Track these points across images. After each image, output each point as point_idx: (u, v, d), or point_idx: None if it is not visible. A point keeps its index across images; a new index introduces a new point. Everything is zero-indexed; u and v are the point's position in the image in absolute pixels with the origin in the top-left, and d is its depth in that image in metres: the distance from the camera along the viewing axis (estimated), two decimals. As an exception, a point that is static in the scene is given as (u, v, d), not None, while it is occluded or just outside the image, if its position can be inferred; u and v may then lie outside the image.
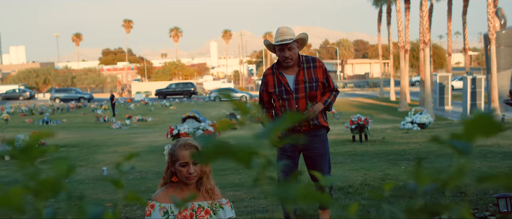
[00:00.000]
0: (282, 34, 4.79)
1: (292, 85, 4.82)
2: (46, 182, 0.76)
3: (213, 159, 0.82)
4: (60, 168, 0.79)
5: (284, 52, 4.75)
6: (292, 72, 4.85)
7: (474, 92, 26.85)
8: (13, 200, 0.80)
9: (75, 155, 13.19)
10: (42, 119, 29.64)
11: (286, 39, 4.74)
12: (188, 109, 37.90)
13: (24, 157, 0.78)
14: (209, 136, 0.83)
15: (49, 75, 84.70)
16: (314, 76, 4.84)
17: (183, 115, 13.00)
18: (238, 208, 6.13)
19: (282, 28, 4.87)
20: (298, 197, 0.67)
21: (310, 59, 4.93)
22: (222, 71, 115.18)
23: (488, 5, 25.11)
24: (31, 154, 0.78)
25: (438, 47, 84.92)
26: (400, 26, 36.40)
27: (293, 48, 4.77)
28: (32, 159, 0.79)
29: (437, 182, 0.92)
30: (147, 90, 65.93)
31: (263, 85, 5.00)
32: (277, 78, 4.86)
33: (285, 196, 0.67)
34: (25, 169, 0.80)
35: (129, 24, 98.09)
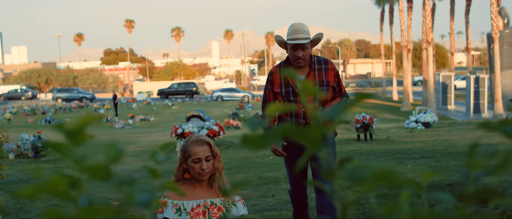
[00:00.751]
0: (296, 31, 4.42)
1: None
2: (96, 167, 0.74)
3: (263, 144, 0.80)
4: (109, 153, 0.77)
5: (297, 51, 4.39)
6: (301, 73, 4.51)
7: (478, 91, 26.81)
8: (59, 187, 0.79)
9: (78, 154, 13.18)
10: (45, 119, 29.63)
11: (301, 37, 4.39)
12: (190, 109, 37.90)
13: (72, 140, 0.76)
14: (259, 120, 0.81)
15: (51, 75, 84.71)
16: (325, 79, 4.51)
17: (188, 114, 12.96)
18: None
19: (297, 25, 4.47)
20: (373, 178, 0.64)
21: (322, 61, 4.58)
22: (224, 71, 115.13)
23: (491, 4, 25.07)
24: (79, 138, 0.76)
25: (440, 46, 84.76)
26: (403, 25, 36.34)
27: (307, 48, 4.42)
28: (80, 142, 0.77)
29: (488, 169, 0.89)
30: (149, 90, 65.94)
31: (269, 84, 4.64)
32: (284, 77, 4.52)
33: (359, 178, 0.65)
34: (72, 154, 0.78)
35: (131, 24, 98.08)
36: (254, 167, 9.65)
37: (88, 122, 0.77)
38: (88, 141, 0.91)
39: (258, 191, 7.17)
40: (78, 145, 0.79)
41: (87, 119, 0.78)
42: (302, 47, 4.37)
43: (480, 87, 26.90)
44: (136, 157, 12.39)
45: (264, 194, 6.91)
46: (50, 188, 0.78)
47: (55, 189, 0.77)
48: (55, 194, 0.79)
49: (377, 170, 0.66)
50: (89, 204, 0.90)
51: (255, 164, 10.07)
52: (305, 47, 4.38)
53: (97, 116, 0.81)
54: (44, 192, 0.80)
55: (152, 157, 1.11)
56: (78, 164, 0.78)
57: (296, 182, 4.59)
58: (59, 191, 0.78)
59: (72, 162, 0.79)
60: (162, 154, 1.08)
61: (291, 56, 4.45)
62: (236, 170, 9.31)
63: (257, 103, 42.49)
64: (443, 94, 32.38)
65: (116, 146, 0.79)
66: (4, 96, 61.97)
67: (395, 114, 30.23)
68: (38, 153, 12.86)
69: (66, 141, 0.78)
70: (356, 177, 0.67)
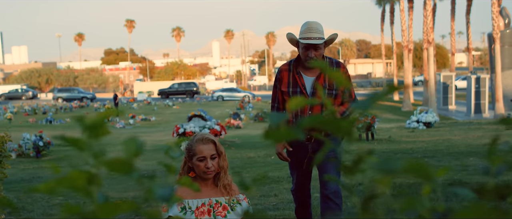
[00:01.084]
0: (310, 31, 4.18)
1: (309, 88, 4.28)
2: (117, 161, 0.74)
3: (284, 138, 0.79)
4: (130, 148, 0.76)
5: (309, 51, 4.18)
6: (312, 74, 4.30)
7: (478, 91, 26.80)
8: (77, 182, 0.78)
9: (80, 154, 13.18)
10: (46, 119, 29.63)
11: (314, 37, 4.16)
12: (191, 109, 37.89)
13: (91, 134, 0.76)
14: (281, 114, 0.81)
15: (51, 75, 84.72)
16: (335, 83, 4.50)
17: (189, 114, 12.96)
18: (248, 206, 6.10)
19: (311, 24, 4.23)
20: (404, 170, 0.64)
21: (334, 63, 4.38)
22: (224, 71, 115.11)
23: (493, 4, 25.06)
24: (99, 131, 0.76)
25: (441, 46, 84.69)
26: (404, 25, 36.34)
27: (320, 49, 4.20)
28: (99, 136, 0.77)
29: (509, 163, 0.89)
30: (149, 90, 65.93)
31: (277, 82, 4.43)
32: (293, 76, 4.31)
33: (389, 170, 0.65)
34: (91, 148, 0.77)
35: (131, 24, 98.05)
36: (255, 167, 9.65)
37: (107, 116, 0.77)
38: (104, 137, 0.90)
39: (261, 190, 7.16)
40: (97, 138, 0.78)
41: (107, 113, 0.77)
42: (315, 47, 4.16)
43: (481, 87, 26.89)
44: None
45: (267, 194, 6.90)
46: (69, 183, 0.77)
47: (74, 184, 0.77)
48: (74, 189, 0.79)
49: (408, 163, 0.66)
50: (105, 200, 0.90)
51: (257, 164, 10.07)
52: (318, 47, 4.17)
53: (116, 110, 0.80)
54: (63, 187, 0.79)
55: (166, 153, 1.11)
56: (97, 158, 0.77)
57: (300, 180, 4.54)
58: (78, 186, 0.77)
59: (92, 156, 0.78)
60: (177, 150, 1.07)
61: (303, 56, 4.25)
62: (238, 169, 9.31)
63: (258, 103, 42.48)
64: (444, 94, 32.36)
65: (136, 140, 0.79)
66: (4, 96, 61.99)
67: (396, 114, 30.23)
68: (40, 153, 12.86)
69: (86, 134, 0.78)
70: (387, 169, 0.67)
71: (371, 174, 1.05)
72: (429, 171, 0.67)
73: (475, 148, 10.93)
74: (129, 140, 0.78)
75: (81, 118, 0.76)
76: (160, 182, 0.79)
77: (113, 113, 0.78)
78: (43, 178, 9.37)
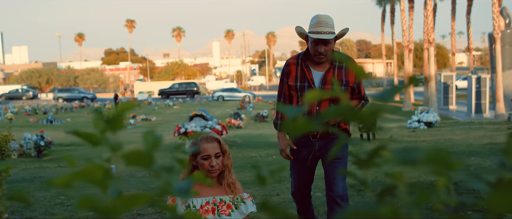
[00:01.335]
0: (320, 25, 4.02)
1: (317, 84, 4.12)
2: (136, 154, 0.74)
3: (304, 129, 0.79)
4: (148, 140, 0.76)
5: (318, 46, 4.02)
6: (321, 69, 4.15)
7: (479, 91, 26.79)
8: (95, 175, 0.78)
9: (82, 154, 13.19)
10: (46, 119, 29.63)
11: (325, 31, 4.00)
12: (191, 109, 37.88)
13: (110, 126, 0.76)
14: (297, 107, 0.81)
15: (51, 75, 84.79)
16: (345, 78, 4.14)
17: (191, 114, 12.97)
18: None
19: (322, 17, 4.06)
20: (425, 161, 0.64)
21: (344, 58, 4.40)
22: (225, 71, 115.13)
23: (493, 4, 25.07)
24: (117, 124, 0.75)
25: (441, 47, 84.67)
26: (404, 25, 36.36)
27: (330, 43, 4.04)
28: (118, 129, 0.77)
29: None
30: (149, 90, 65.96)
31: (285, 76, 4.26)
32: (301, 70, 4.16)
33: (411, 160, 0.65)
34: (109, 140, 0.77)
35: (132, 24, 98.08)
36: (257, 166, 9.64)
37: (126, 109, 0.77)
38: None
39: (263, 189, 7.16)
40: (116, 131, 0.78)
41: (126, 106, 0.77)
42: (325, 42, 4.01)
43: (482, 87, 26.89)
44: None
45: (269, 193, 6.90)
46: (87, 176, 0.77)
47: (92, 177, 0.77)
48: (92, 182, 0.79)
49: (432, 152, 0.65)
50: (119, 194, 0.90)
51: (258, 163, 10.06)
52: (328, 42, 4.02)
53: (135, 103, 0.80)
54: (81, 180, 0.79)
55: (179, 148, 1.11)
56: (115, 151, 0.77)
57: (301, 182, 4.41)
58: (96, 179, 0.77)
59: (110, 150, 0.78)
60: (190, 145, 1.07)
61: (312, 50, 4.08)
62: (239, 169, 9.31)
63: (258, 103, 42.49)
64: (445, 94, 32.36)
65: (154, 133, 0.79)
66: (5, 96, 62.01)
67: (396, 114, 30.23)
68: (41, 153, 12.86)
69: (105, 127, 0.77)
70: (408, 159, 0.67)
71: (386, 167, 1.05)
72: (451, 161, 0.67)
73: (477, 147, 10.92)
74: (148, 132, 0.78)
75: (100, 111, 0.76)
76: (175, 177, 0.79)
77: (133, 106, 0.78)
78: (44, 177, 9.37)
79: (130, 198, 0.78)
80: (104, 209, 0.84)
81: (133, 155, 0.74)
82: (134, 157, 0.75)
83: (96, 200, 0.86)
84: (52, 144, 13.08)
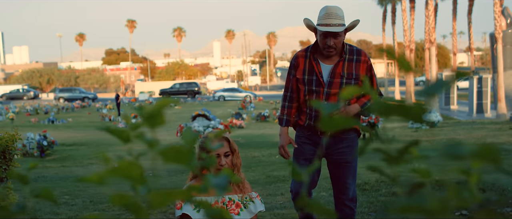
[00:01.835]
0: (330, 16, 3.82)
1: (326, 77, 3.94)
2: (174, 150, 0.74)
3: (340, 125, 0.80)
4: (187, 137, 0.77)
5: (328, 39, 3.83)
6: (330, 62, 3.96)
7: (480, 91, 26.79)
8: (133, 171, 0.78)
9: (84, 153, 13.19)
10: (48, 119, 29.64)
11: (334, 24, 3.80)
12: (193, 109, 37.87)
13: (149, 123, 0.76)
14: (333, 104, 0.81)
15: (52, 75, 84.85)
16: (355, 71, 3.94)
17: (193, 113, 12.97)
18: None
19: (331, 9, 3.85)
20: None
21: (354, 51, 4.01)
22: (225, 71, 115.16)
23: (495, 4, 25.08)
24: (157, 121, 0.76)
25: (441, 46, 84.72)
26: (406, 25, 36.37)
27: (340, 36, 3.85)
28: (157, 125, 0.77)
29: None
30: (150, 90, 65.95)
31: (292, 69, 4.07)
32: (310, 63, 3.98)
33: (459, 154, 0.65)
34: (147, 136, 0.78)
35: (133, 24, 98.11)
36: (261, 166, 9.65)
37: (164, 105, 0.77)
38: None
39: (267, 189, 7.16)
40: (155, 127, 0.78)
41: (164, 102, 0.77)
42: (334, 35, 3.82)
43: (483, 87, 26.89)
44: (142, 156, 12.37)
45: (273, 193, 6.90)
46: (123, 172, 0.77)
47: (129, 173, 0.77)
48: (128, 178, 0.79)
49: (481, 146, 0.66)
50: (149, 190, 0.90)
51: (262, 163, 10.07)
52: (338, 35, 3.83)
53: (172, 99, 0.80)
54: (117, 177, 0.79)
55: (206, 144, 1.11)
56: (153, 147, 0.78)
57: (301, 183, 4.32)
58: (133, 175, 0.78)
59: (148, 146, 0.78)
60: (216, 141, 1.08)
61: (321, 44, 3.89)
62: (243, 169, 9.27)
63: (259, 103, 42.48)
64: (446, 94, 32.36)
65: (191, 130, 0.79)
66: (6, 96, 62.05)
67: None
68: (44, 152, 12.86)
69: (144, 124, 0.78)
70: (456, 153, 0.67)
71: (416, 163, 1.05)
72: (499, 156, 0.67)
73: (480, 147, 10.89)
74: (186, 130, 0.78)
75: (141, 109, 0.76)
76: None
77: (171, 102, 0.78)
78: (48, 177, 9.38)
79: (164, 195, 0.78)
80: (136, 205, 0.85)
81: (172, 152, 0.75)
82: (173, 153, 0.75)
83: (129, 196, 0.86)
84: (55, 144, 13.09)
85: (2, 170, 4.13)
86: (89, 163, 11.35)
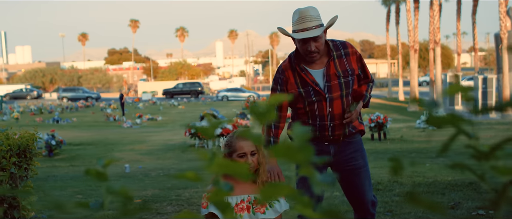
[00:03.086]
0: (304, 20, 3.47)
1: (321, 83, 3.60)
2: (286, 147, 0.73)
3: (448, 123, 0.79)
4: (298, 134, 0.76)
5: (307, 44, 3.48)
6: (319, 65, 3.62)
7: (485, 91, 26.76)
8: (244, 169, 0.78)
9: (92, 153, 13.20)
10: (53, 118, 29.67)
11: (311, 27, 3.45)
12: (196, 109, 37.92)
13: (261, 119, 0.75)
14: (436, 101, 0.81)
15: (55, 74, 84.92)
16: (349, 67, 3.62)
17: (201, 113, 12.96)
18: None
19: (304, 11, 3.50)
20: None
21: (339, 45, 3.66)
22: (228, 71, 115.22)
23: (500, 5, 25.06)
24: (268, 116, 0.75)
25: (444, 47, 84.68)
26: (410, 25, 36.35)
27: (320, 38, 3.49)
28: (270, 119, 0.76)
29: None
30: (153, 90, 66.00)
31: (280, 84, 3.70)
32: (299, 75, 3.63)
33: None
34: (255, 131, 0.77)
35: (136, 24, 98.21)
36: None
37: (277, 101, 0.77)
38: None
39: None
40: (263, 124, 0.78)
41: (275, 98, 0.77)
42: (313, 38, 3.46)
43: (488, 88, 26.85)
44: (150, 156, 12.37)
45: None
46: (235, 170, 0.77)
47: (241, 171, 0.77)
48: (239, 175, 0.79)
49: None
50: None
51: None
52: (318, 37, 3.47)
53: (284, 96, 0.80)
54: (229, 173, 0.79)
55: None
56: (258, 143, 0.77)
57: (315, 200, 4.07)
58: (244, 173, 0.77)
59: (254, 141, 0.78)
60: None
61: (302, 50, 3.54)
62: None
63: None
64: (450, 94, 32.28)
65: (301, 126, 0.79)
66: (9, 95, 62.12)
67: (402, 114, 30.19)
68: (52, 152, 12.87)
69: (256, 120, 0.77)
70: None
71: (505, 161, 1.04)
72: None
73: (489, 147, 10.88)
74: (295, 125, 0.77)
75: (254, 107, 0.76)
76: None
77: (284, 98, 0.77)
78: (58, 176, 9.38)
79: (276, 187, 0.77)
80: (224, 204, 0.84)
81: (284, 148, 0.74)
82: (285, 150, 0.74)
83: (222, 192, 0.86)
84: (63, 143, 13.10)
85: (23, 169, 4.12)
86: (212, 152, 11.37)
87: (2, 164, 3.80)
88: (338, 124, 3.63)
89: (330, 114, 3.60)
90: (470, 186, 6.74)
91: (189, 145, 13.46)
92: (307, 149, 0.72)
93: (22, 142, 4.14)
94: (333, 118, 3.60)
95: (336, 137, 3.65)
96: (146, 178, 8.91)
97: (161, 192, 7.31)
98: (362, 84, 3.78)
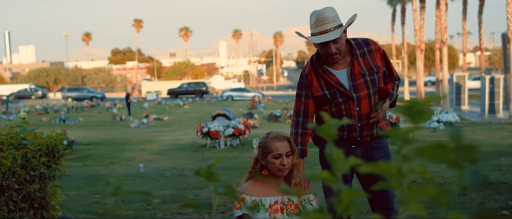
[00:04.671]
0: (321, 22, 3.38)
1: (346, 83, 3.52)
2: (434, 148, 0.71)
3: None
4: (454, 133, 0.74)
5: (328, 46, 3.40)
6: (342, 66, 3.54)
7: (492, 91, 26.64)
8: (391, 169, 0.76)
9: (104, 153, 13.19)
10: (59, 118, 29.67)
11: (329, 29, 3.37)
12: (202, 109, 37.91)
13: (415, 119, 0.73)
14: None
15: (59, 74, 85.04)
16: (373, 64, 3.53)
17: (213, 113, 12.95)
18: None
19: (320, 14, 3.42)
20: None
21: (361, 43, 3.58)
22: (232, 71, 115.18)
23: (507, 4, 24.96)
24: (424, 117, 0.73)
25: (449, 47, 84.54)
26: (417, 25, 36.28)
27: (341, 39, 3.40)
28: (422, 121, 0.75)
29: None
30: (157, 90, 66.00)
31: (304, 89, 3.64)
32: (322, 77, 3.56)
33: None
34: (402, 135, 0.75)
35: (139, 23, 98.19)
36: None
37: (430, 102, 0.75)
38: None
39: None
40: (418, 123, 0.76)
41: (430, 98, 0.75)
42: (333, 40, 3.37)
43: (495, 88, 26.73)
44: (163, 155, 12.35)
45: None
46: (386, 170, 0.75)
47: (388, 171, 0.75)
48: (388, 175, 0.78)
49: None
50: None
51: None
52: (337, 38, 3.38)
53: (436, 97, 0.78)
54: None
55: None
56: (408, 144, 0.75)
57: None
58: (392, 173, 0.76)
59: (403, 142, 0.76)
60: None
61: (323, 53, 3.47)
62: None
63: (269, 103, 42.43)
64: (457, 95, 32.18)
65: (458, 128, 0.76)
66: (14, 95, 62.22)
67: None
68: (63, 151, 12.85)
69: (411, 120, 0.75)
70: None
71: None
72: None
73: (503, 148, 10.86)
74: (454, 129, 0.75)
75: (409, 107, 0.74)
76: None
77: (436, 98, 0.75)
78: (72, 176, 9.37)
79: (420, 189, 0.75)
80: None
81: (431, 149, 0.72)
82: (431, 151, 0.72)
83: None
84: (74, 143, 13.09)
85: (53, 169, 4.12)
86: (111, 162, 11.35)
87: (33, 163, 3.79)
88: (365, 124, 3.56)
89: (357, 113, 3.52)
90: (490, 187, 6.72)
91: (200, 145, 13.43)
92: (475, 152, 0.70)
93: (51, 142, 4.13)
94: (361, 117, 3.53)
95: (363, 138, 3.56)
96: (161, 178, 8.89)
97: (179, 192, 7.30)
98: (388, 82, 3.70)
